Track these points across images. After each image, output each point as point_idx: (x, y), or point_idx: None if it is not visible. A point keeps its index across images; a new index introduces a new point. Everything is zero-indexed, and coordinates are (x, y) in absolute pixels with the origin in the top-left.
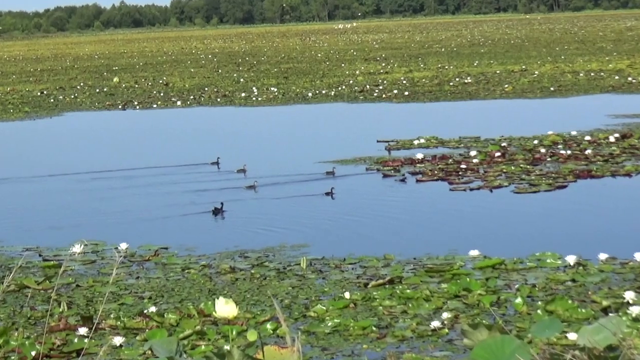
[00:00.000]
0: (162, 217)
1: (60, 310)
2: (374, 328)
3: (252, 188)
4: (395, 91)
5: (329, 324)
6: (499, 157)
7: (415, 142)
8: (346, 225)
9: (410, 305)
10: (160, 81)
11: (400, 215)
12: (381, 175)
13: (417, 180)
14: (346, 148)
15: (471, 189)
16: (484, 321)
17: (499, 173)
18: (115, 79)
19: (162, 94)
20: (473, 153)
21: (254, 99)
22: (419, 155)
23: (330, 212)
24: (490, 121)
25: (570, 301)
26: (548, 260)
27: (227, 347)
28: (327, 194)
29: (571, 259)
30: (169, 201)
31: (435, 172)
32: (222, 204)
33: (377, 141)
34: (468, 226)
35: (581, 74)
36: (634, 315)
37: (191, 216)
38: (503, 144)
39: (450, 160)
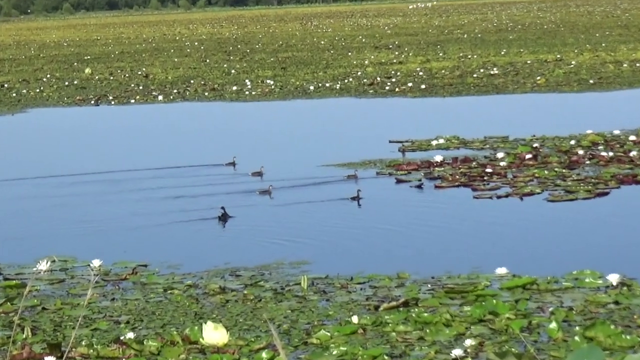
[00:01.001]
0: (144, 228)
1: (24, 336)
2: (385, 357)
3: (266, 193)
4: (410, 84)
5: (334, 353)
6: (530, 159)
7: (434, 142)
8: (354, 238)
9: (427, 331)
10: (139, 72)
11: (416, 228)
12: (394, 181)
13: (436, 187)
14: (353, 149)
15: (498, 197)
16: (513, 349)
17: (530, 178)
18: (87, 70)
19: (141, 87)
20: (500, 155)
21: (247, 93)
22: (438, 158)
23: (336, 223)
24: (520, 118)
25: (612, 326)
26: (587, 280)
27: None
28: (353, 198)
29: (614, 278)
30: (153, 209)
31: (457, 177)
32: (223, 208)
33: (390, 141)
34: (494, 240)
35: (625, 65)
36: None
37: (178, 227)
38: (535, 145)
39: (474, 163)
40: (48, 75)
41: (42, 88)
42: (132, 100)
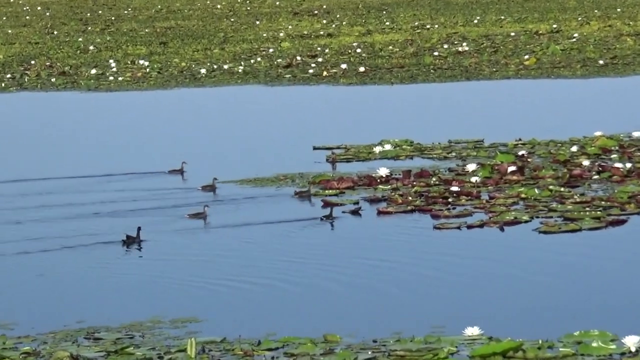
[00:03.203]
0: None
1: None
2: None
3: (200, 217)
4: (344, 66)
5: None
6: (513, 173)
7: (377, 149)
8: (263, 286)
9: None
10: None
11: (350, 272)
12: (319, 204)
13: (380, 212)
14: (263, 159)
15: (469, 227)
16: None
17: (514, 200)
18: None
19: None
20: (471, 167)
21: (111, 78)
22: (383, 171)
23: (249, 262)
24: (499, 115)
25: None
26: (594, 344)
27: None
28: (325, 218)
29: (632, 341)
30: None
31: (410, 198)
32: (139, 228)
33: (314, 148)
34: (463, 289)
35: None
36: None
37: (18, 262)
38: (520, 153)
39: (434, 179)
40: None
41: None
42: None
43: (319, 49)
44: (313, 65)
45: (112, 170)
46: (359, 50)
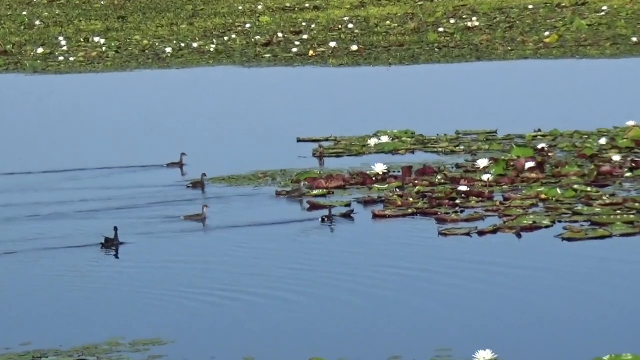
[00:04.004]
0: None
1: None
2: None
3: (196, 219)
4: (333, 44)
5: None
6: (532, 170)
7: (372, 141)
8: (242, 300)
9: None
10: None
11: (343, 284)
12: (305, 206)
13: (375, 216)
14: (238, 153)
15: (480, 233)
16: None
17: (533, 202)
18: None
19: None
20: (482, 163)
21: (61, 58)
22: (379, 168)
23: (229, 273)
24: (515, 102)
25: None
26: None
27: None
28: (326, 218)
29: None
30: None
31: (411, 199)
32: (115, 229)
33: (298, 140)
34: (473, 305)
35: None
36: None
37: None
38: (540, 146)
39: (439, 177)
40: None
41: None
42: None
43: (304, 24)
44: (297, 43)
45: (82, 164)
46: (350, 26)
